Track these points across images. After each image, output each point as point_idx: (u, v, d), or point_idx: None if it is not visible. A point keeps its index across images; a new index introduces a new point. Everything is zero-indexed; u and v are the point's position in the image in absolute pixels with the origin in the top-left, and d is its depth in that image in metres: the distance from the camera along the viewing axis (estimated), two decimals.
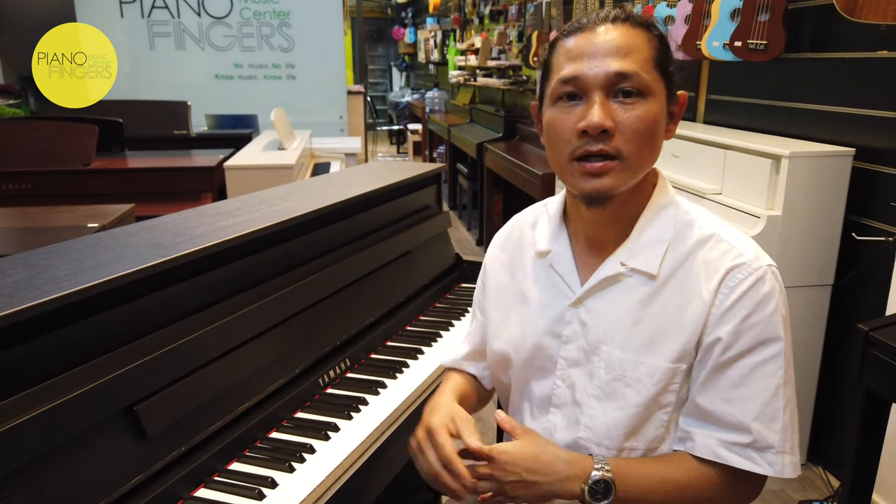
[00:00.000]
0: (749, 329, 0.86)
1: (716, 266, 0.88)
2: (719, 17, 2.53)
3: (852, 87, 2.17)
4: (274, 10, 5.87)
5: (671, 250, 0.91)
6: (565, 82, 0.87)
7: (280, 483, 1.01)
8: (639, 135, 0.85)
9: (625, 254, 0.92)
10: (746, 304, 0.86)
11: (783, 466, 0.87)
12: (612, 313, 0.92)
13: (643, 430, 0.91)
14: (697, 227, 0.92)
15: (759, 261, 0.88)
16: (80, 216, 2.01)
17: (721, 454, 0.88)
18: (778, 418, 0.87)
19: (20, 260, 1.04)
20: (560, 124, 0.88)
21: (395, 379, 1.35)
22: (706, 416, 0.89)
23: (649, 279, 0.91)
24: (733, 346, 0.87)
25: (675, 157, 2.73)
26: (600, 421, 0.92)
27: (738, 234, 0.92)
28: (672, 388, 0.90)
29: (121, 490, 0.91)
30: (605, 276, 0.93)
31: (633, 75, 0.84)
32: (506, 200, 5.22)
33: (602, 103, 0.84)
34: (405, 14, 12.11)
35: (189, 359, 1.04)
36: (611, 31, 0.86)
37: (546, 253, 1.01)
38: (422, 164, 2.07)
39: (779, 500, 2.20)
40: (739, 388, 0.87)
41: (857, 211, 2.17)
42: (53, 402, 0.84)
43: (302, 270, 1.36)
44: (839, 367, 2.30)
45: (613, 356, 0.91)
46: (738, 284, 0.87)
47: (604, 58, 0.85)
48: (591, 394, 0.93)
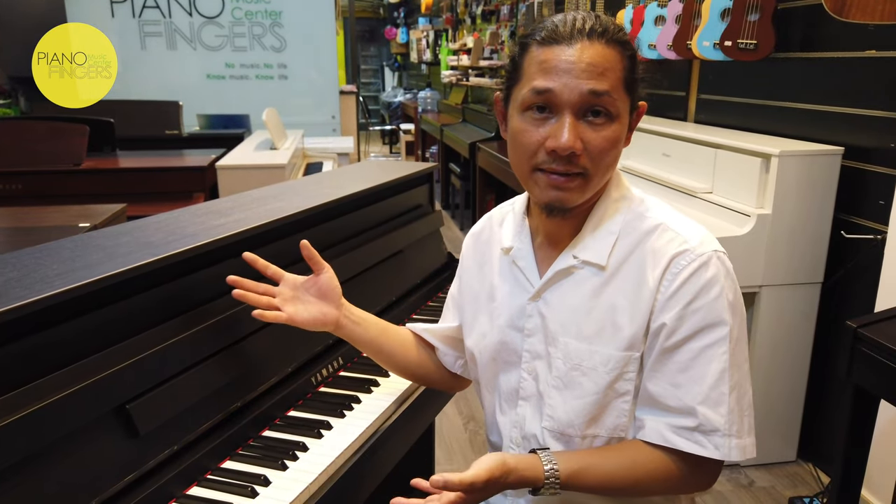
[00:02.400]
0: (693, 314, 0.89)
1: (661, 253, 0.91)
2: (709, 17, 2.55)
3: (841, 87, 2.19)
4: (266, 9, 5.85)
5: (621, 241, 0.94)
6: (538, 94, 0.87)
7: (273, 481, 1.01)
8: (604, 154, 0.89)
9: (577, 247, 0.96)
10: (690, 289, 0.89)
11: (730, 449, 0.89)
12: (567, 305, 0.96)
13: (603, 417, 0.94)
14: (647, 217, 0.95)
15: (703, 247, 0.90)
16: (71, 216, 2.00)
17: (669, 438, 0.90)
18: (724, 402, 0.88)
19: (10, 259, 1.04)
20: (528, 136, 0.89)
21: (387, 377, 1.35)
22: (655, 403, 0.92)
23: (599, 270, 0.94)
24: (678, 330, 0.89)
25: (665, 157, 2.75)
26: (561, 410, 0.96)
27: (686, 222, 0.95)
28: (627, 377, 0.93)
29: (113, 489, 0.91)
30: (559, 269, 0.97)
31: (605, 96, 0.86)
32: (498, 200, 5.21)
33: (572, 124, 0.86)
34: (397, 14, 12.11)
35: (180, 358, 1.04)
36: (587, 49, 0.86)
37: (509, 249, 1.04)
38: (414, 164, 2.08)
39: (769, 497, 2.22)
40: (685, 372, 0.89)
41: (847, 209, 2.19)
42: (45, 400, 0.84)
43: (294, 269, 1.36)
44: (828, 364, 2.32)
45: (570, 346, 0.95)
46: (681, 270, 0.89)
47: (578, 78, 0.86)
48: (552, 384, 0.97)
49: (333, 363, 1.37)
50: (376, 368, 1.38)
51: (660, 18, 2.97)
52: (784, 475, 2.33)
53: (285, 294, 1.10)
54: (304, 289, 1.12)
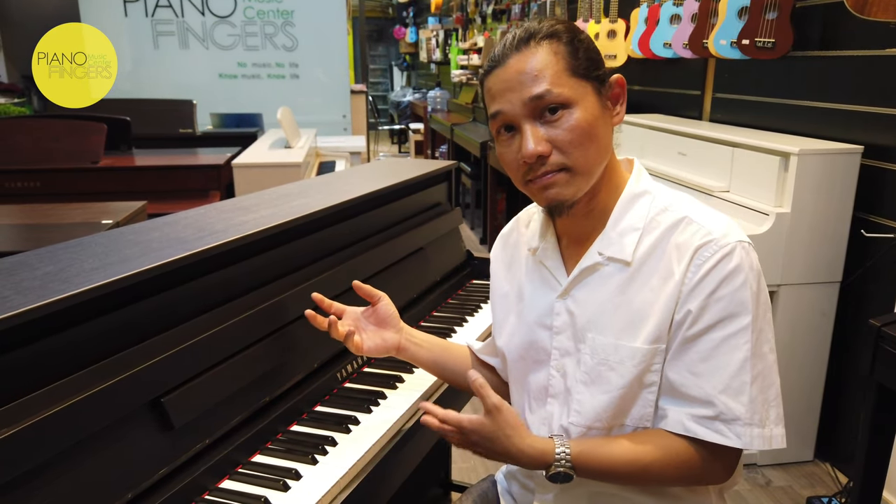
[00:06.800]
0: (715, 303, 0.89)
1: (686, 246, 0.92)
2: (726, 16, 2.54)
3: (860, 85, 2.18)
4: (277, 9, 5.87)
5: (645, 236, 0.95)
6: (494, 118, 0.93)
7: (304, 475, 1.02)
8: (574, 144, 0.90)
9: (601, 244, 0.97)
10: (713, 278, 0.89)
11: (752, 438, 0.89)
12: (594, 301, 0.97)
13: (631, 409, 0.96)
14: (671, 211, 0.96)
15: (727, 237, 0.91)
16: (93, 213, 2.01)
17: (690, 427, 0.90)
18: (745, 391, 0.88)
19: (45, 254, 1.05)
20: (506, 156, 0.95)
21: (412, 373, 1.36)
22: (675, 392, 0.92)
23: (625, 266, 0.95)
24: (700, 319, 0.90)
25: (681, 156, 2.74)
26: (589, 405, 0.96)
27: (711, 213, 0.95)
28: (654, 369, 0.93)
29: (148, 481, 0.92)
30: (585, 266, 0.98)
31: (546, 94, 0.88)
32: (509, 199, 5.23)
33: (531, 131, 0.90)
34: (406, 14, 12.11)
35: (213, 352, 1.05)
36: (517, 61, 0.90)
37: (536, 249, 1.06)
38: (433, 162, 2.08)
39: (786, 496, 2.21)
40: (706, 361, 0.90)
41: (866, 208, 2.18)
42: (83, 393, 0.85)
43: (319, 266, 1.37)
44: (846, 363, 2.31)
45: (597, 342, 0.96)
46: (705, 261, 0.90)
47: (516, 90, 0.89)
48: (579, 379, 0.98)
49: (358, 359, 1.37)
50: (400, 365, 1.38)
51: (675, 17, 2.97)
52: (801, 475, 2.33)
53: (348, 326, 1.15)
54: (364, 318, 1.19)
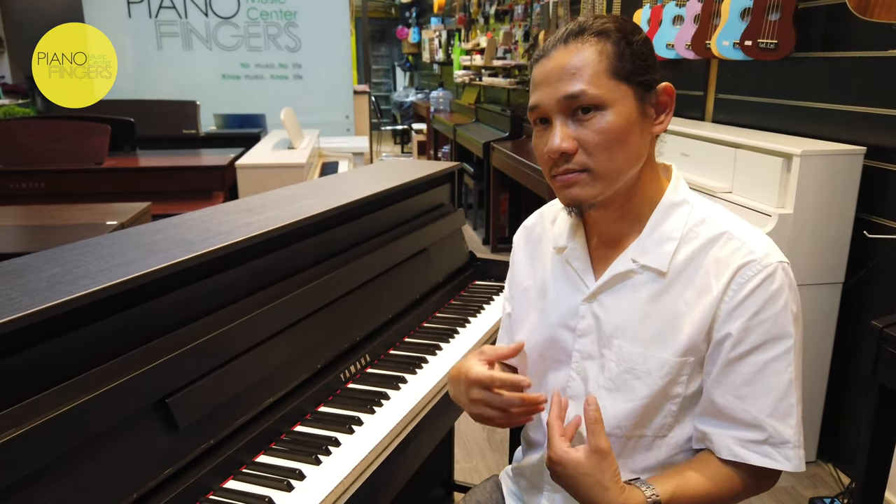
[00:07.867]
0: (759, 325, 0.88)
1: (726, 263, 0.90)
2: (729, 17, 2.54)
3: (863, 86, 2.18)
4: (281, 9, 5.88)
5: (682, 247, 0.93)
6: (532, 110, 0.93)
7: (308, 475, 1.02)
8: (602, 147, 0.89)
9: (636, 251, 0.95)
10: (756, 300, 0.88)
11: (799, 461, 0.90)
12: (624, 308, 0.95)
13: (652, 419, 0.95)
14: (709, 224, 0.94)
15: (769, 257, 0.90)
16: (97, 214, 2.02)
17: (740, 454, 0.90)
18: (792, 413, 0.89)
19: (51, 256, 1.06)
20: (538, 147, 0.95)
21: (414, 374, 1.36)
22: (720, 414, 0.91)
23: (659, 276, 0.94)
24: (743, 341, 0.89)
25: (684, 156, 2.74)
26: (611, 412, 0.95)
27: (751, 230, 0.94)
28: (681, 381, 0.93)
29: (154, 481, 0.92)
30: (617, 273, 0.96)
31: (581, 94, 0.88)
32: (512, 199, 5.24)
33: (560, 127, 0.89)
34: (409, 14, 12.12)
35: (217, 353, 1.06)
36: (561, 55, 0.90)
37: (563, 248, 1.04)
38: (436, 163, 2.09)
39: (790, 497, 2.21)
40: (751, 384, 0.89)
41: (868, 209, 2.18)
42: (90, 394, 0.85)
43: (323, 267, 1.38)
44: (849, 364, 2.31)
45: (624, 350, 0.94)
46: (747, 281, 0.89)
47: (554, 84, 0.89)
48: (603, 385, 0.97)
49: (361, 360, 1.38)
50: (403, 366, 1.39)
51: (678, 18, 2.97)
52: (804, 475, 2.32)
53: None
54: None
